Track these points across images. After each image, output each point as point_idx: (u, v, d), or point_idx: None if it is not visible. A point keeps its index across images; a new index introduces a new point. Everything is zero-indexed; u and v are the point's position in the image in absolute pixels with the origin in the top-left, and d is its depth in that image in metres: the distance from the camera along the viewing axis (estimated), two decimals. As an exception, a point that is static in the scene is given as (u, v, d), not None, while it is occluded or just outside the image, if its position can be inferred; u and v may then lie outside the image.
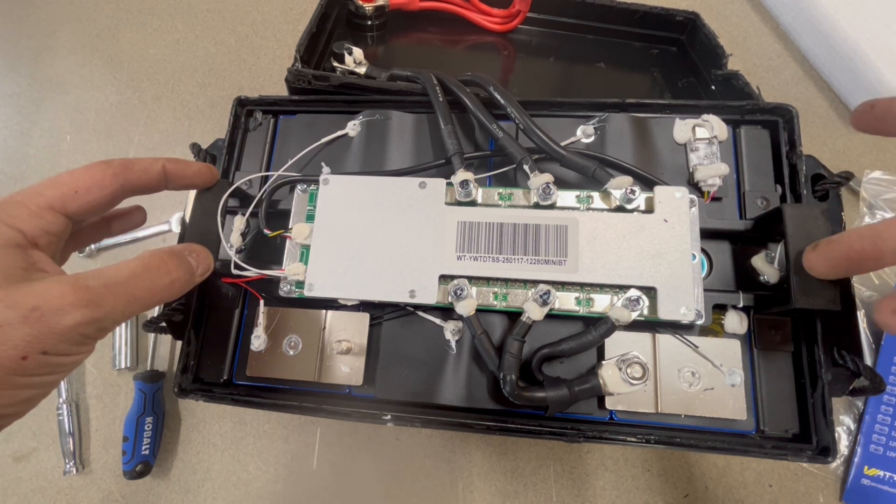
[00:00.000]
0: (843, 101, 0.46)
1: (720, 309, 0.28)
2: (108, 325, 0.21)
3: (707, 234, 0.28)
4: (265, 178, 0.32)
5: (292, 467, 0.39)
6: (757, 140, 0.30)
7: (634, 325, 0.26)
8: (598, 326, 0.26)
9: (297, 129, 0.34)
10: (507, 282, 0.28)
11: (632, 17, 0.45)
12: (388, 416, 0.27)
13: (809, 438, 0.26)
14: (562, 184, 0.29)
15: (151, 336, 0.44)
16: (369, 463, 0.39)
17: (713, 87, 0.41)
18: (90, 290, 0.20)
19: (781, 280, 0.27)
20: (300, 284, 0.28)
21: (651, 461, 0.38)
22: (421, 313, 0.29)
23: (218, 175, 0.30)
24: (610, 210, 0.28)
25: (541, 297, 0.26)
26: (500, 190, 0.29)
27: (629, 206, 0.27)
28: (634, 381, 0.24)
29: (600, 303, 0.27)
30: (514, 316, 0.28)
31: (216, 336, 0.31)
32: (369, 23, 0.46)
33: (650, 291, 0.26)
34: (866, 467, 0.36)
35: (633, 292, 0.26)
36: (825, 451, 0.25)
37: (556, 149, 0.28)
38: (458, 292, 0.27)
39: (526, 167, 0.28)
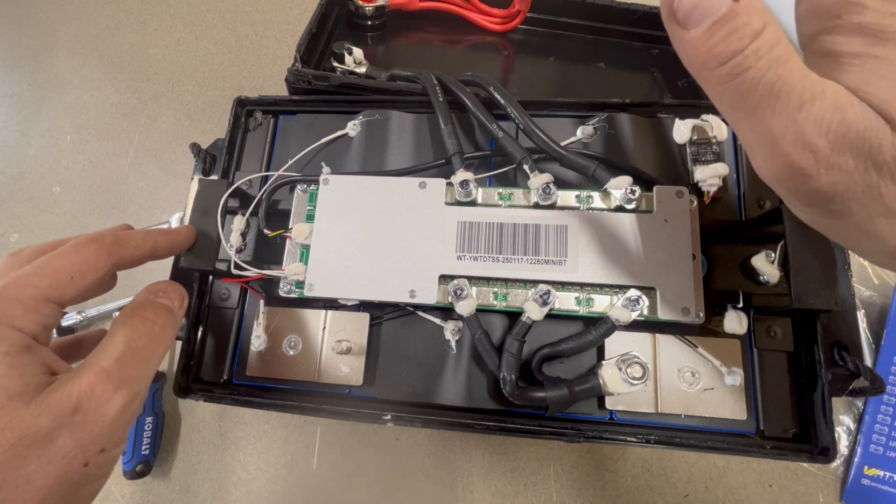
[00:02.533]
0: (843, 101, 0.46)
1: (720, 309, 0.28)
2: (143, 396, 0.20)
3: (707, 235, 0.28)
4: (265, 178, 0.32)
5: (292, 467, 0.39)
6: (757, 140, 0.30)
7: (634, 325, 0.26)
8: (598, 326, 0.26)
9: (297, 129, 0.34)
10: (507, 282, 0.28)
11: (632, 17, 0.45)
12: (388, 416, 0.27)
13: (809, 438, 0.26)
14: (562, 184, 0.29)
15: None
16: (369, 463, 0.39)
17: (713, 87, 0.41)
18: (113, 372, 0.19)
19: (781, 280, 0.27)
20: (300, 284, 0.28)
21: (651, 461, 0.38)
22: (421, 313, 0.29)
23: (195, 234, 0.29)
24: (610, 210, 0.28)
25: (541, 297, 0.26)
26: (500, 190, 0.29)
27: (629, 206, 0.27)
28: (634, 381, 0.24)
29: (600, 303, 0.27)
30: (514, 316, 0.28)
31: (216, 336, 0.31)
32: (369, 23, 0.46)
33: (650, 291, 0.26)
34: (866, 467, 0.36)
35: (633, 292, 0.26)
36: (825, 451, 0.25)
37: (556, 149, 0.28)
38: (458, 292, 0.27)
39: (526, 167, 0.28)
